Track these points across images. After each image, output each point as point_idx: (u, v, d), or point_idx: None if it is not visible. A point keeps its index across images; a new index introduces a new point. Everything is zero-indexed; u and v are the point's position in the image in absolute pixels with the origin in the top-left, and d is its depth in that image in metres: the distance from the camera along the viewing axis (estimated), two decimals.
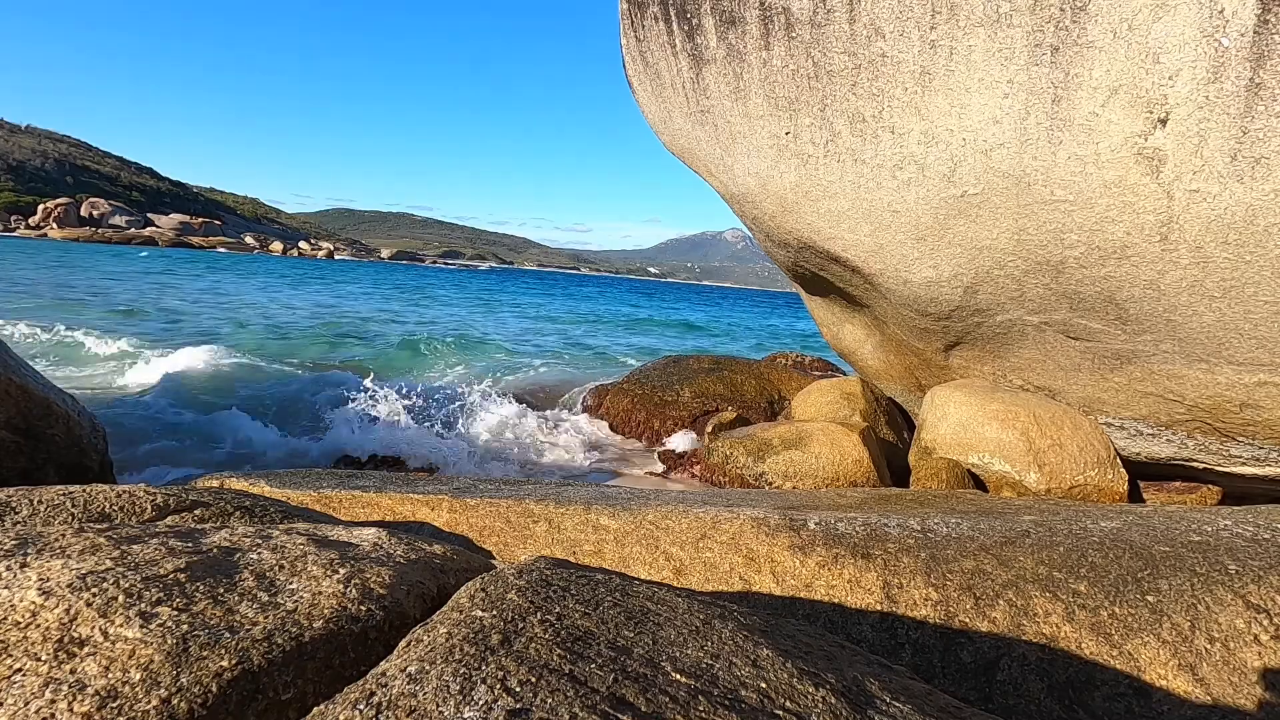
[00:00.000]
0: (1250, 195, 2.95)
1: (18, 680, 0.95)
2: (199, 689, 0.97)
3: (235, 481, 3.19)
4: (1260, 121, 2.83)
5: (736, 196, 5.48)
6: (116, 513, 1.87)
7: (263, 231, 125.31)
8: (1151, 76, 3.02)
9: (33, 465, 3.37)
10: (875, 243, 4.51)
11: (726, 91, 4.97)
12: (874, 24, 3.90)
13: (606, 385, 8.44)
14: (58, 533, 1.40)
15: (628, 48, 6.15)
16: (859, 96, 4.13)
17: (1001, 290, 4.16)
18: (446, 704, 0.89)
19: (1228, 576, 2.05)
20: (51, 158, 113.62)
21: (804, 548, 2.33)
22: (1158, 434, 4.20)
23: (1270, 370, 3.38)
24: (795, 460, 5.06)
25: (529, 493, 3.10)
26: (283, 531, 1.59)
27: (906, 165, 4.06)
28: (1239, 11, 2.77)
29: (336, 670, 1.13)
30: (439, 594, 1.43)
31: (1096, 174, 3.32)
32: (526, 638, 1.09)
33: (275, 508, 2.25)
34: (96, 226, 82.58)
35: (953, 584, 2.13)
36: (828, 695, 1.07)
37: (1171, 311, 3.49)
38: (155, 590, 1.19)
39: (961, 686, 1.89)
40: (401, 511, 2.89)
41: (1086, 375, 4.30)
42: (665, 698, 0.97)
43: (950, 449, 4.63)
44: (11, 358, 3.59)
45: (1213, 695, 1.78)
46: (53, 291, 17.40)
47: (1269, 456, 3.80)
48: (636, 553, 2.49)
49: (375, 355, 11.76)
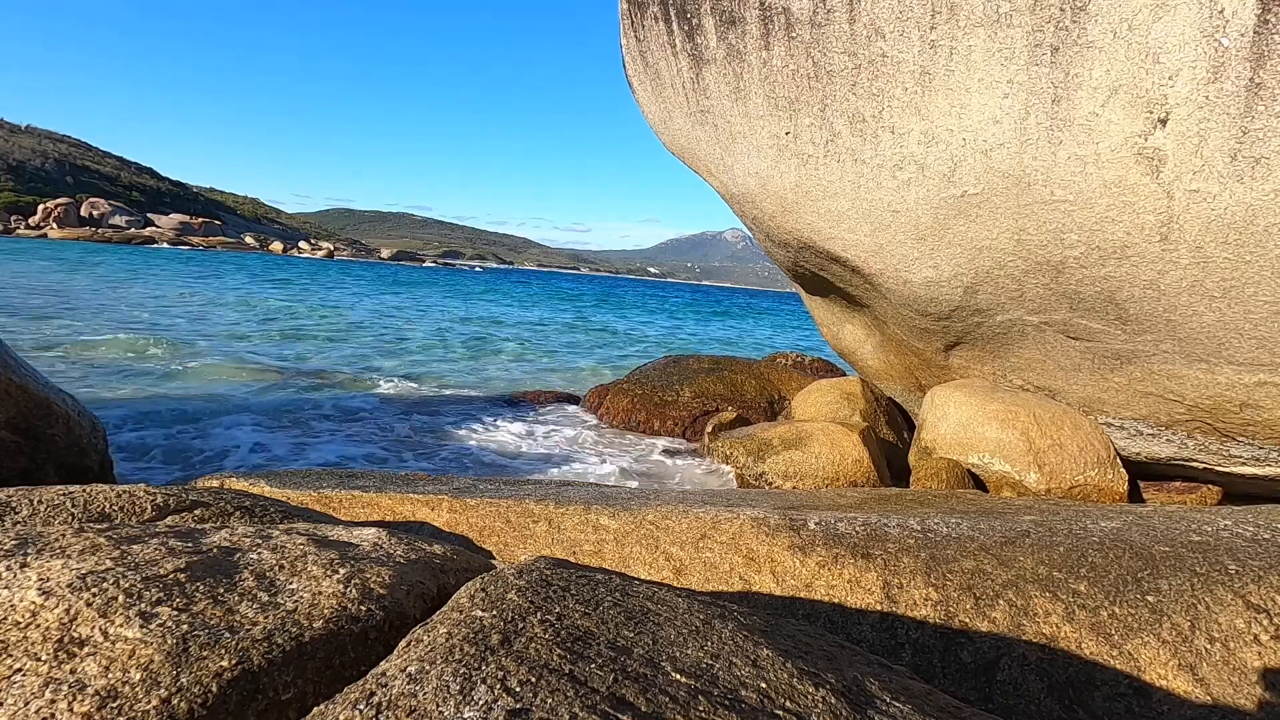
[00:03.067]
0: (1250, 195, 2.95)
1: (18, 680, 0.95)
2: (199, 689, 0.97)
3: (235, 481, 3.19)
4: (1260, 121, 2.83)
5: (736, 196, 5.48)
6: (116, 513, 1.87)
7: (263, 231, 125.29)
8: (1151, 76, 3.02)
9: (33, 465, 3.37)
10: (875, 243, 4.51)
11: (726, 91, 4.97)
12: (874, 24, 3.90)
13: (606, 385, 8.44)
14: (58, 533, 1.40)
15: (628, 48, 6.16)
16: (859, 96, 4.13)
17: (1001, 290, 4.16)
18: (446, 704, 0.89)
19: (1228, 576, 2.05)
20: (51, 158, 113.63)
21: (804, 548, 2.33)
22: (1158, 434, 4.20)
23: (1270, 370, 3.38)
24: (795, 460, 5.06)
25: (529, 493, 3.10)
26: (283, 531, 1.59)
27: (906, 165, 4.06)
28: (1239, 11, 2.77)
29: (336, 670, 1.13)
30: (439, 594, 1.43)
31: (1096, 174, 3.32)
32: (526, 638, 1.09)
33: (275, 508, 2.25)
34: (96, 226, 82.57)
35: (953, 584, 2.13)
36: (828, 695, 1.07)
37: (1171, 311, 3.49)
38: (155, 590, 1.19)
39: (961, 686, 1.89)
40: (401, 511, 2.89)
41: (1086, 375, 4.30)
42: (665, 698, 0.97)
43: (950, 449, 4.63)
44: (11, 357, 3.59)
45: (1213, 695, 1.78)
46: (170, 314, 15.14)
47: (1269, 456, 3.80)
48: (636, 553, 2.49)
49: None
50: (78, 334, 10.66)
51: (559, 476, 5.64)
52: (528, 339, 16.90)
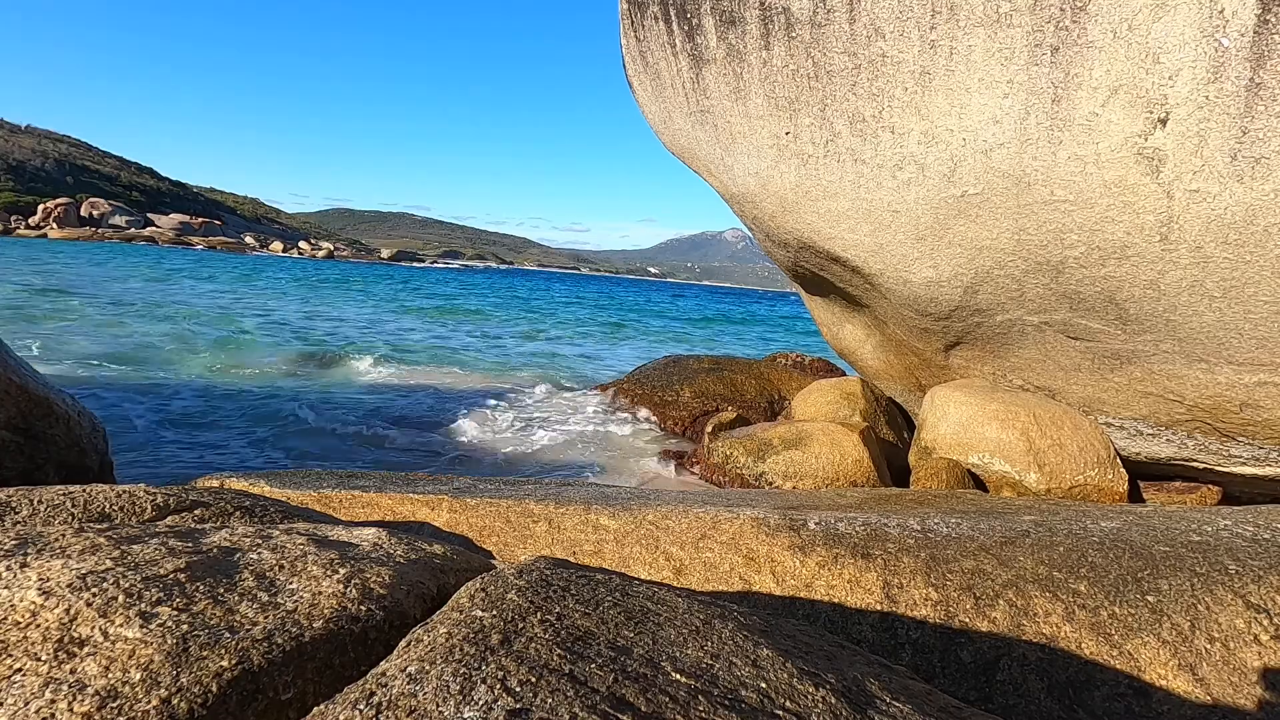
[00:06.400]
0: (1250, 195, 2.95)
1: (18, 680, 0.95)
2: (199, 689, 0.97)
3: (235, 481, 3.19)
4: (1260, 121, 2.83)
5: (737, 196, 5.48)
6: (116, 513, 1.87)
7: (263, 231, 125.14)
8: (1151, 76, 3.02)
9: (33, 465, 3.37)
10: (875, 243, 4.51)
11: (726, 91, 4.97)
12: (874, 24, 3.90)
13: (606, 385, 8.44)
14: (58, 533, 1.40)
15: (628, 48, 6.15)
16: (859, 96, 4.13)
17: (1001, 290, 4.16)
18: (446, 704, 0.89)
19: (1228, 576, 2.05)
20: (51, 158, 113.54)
21: (804, 548, 2.33)
22: (1158, 434, 4.20)
23: (1270, 370, 3.38)
24: (795, 460, 5.06)
25: (529, 493, 3.10)
26: (283, 531, 1.59)
27: (906, 165, 4.06)
28: (1239, 11, 2.77)
29: (336, 670, 1.13)
30: (439, 594, 1.43)
31: (1096, 174, 3.32)
32: (526, 638, 1.09)
33: (275, 508, 2.25)
34: (96, 226, 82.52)
35: (953, 584, 2.13)
36: (828, 695, 1.07)
37: (1171, 311, 3.49)
38: (155, 590, 1.19)
39: (961, 686, 1.89)
40: (401, 511, 2.89)
41: (1086, 375, 4.30)
42: (665, 698, 0.97)
43: (950, 449, 4.63)
44: (11, 357, 3.58)
45: (1213, 695, 1.78)
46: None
47: (1269, 456, 3.80)
48: (636, 553, 2.49)
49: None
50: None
51: (559, 476, 5.64)
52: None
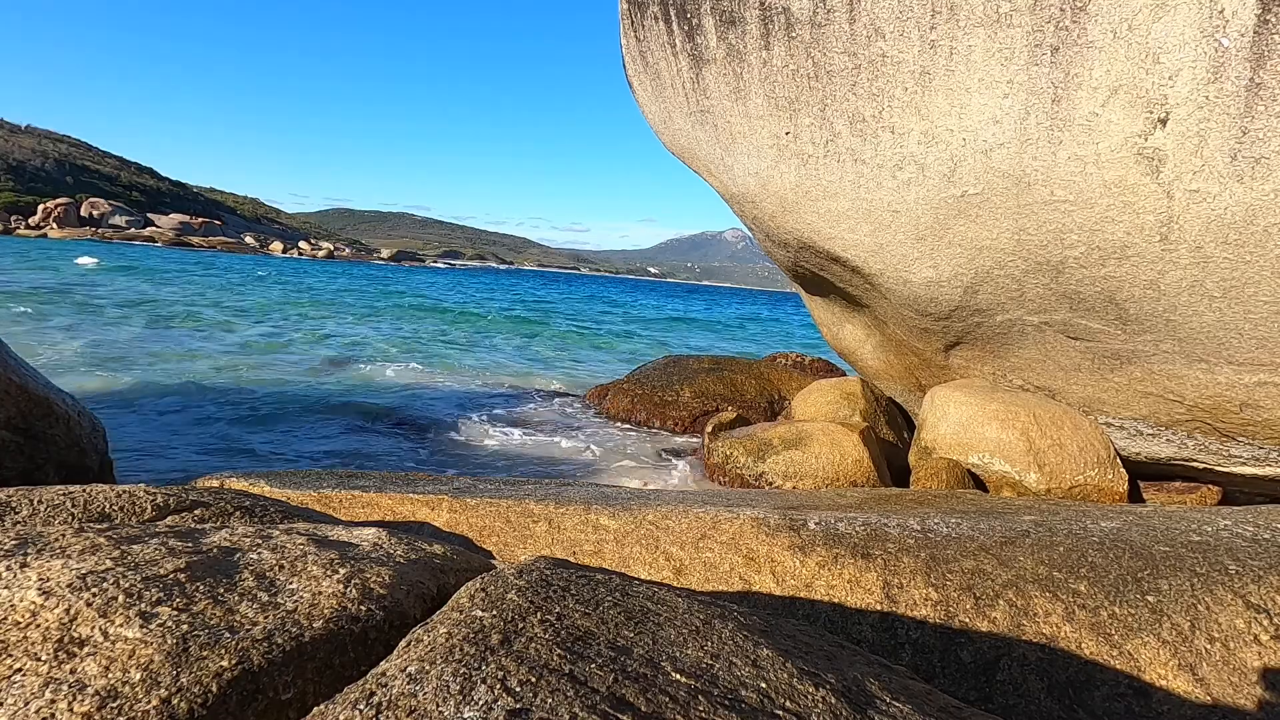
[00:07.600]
0: (1250, 195, 2.95)
1: (18, 680, 0.95)
2: (199, 689, 0.97)
3: (235, 481, 3.19)
4: (1260, 121, 2.83)
5: (736, 196, 5.48)
6: (116, 513, 1.87)
7: (263, 231, 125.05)
8: (1151, 76, 3.02)
9: (33, 465, 3.37)
10: (875, 243, 4.51)
11: (726, 91, 4.97)
12: (874, 24, 3.90)
13: (606, 385, 8.44)
14: (58, 533, 1.40)
15: (628, 48, 6.15)
16: (859, 96, 4.13)
17: (1001, 290, 4.16)
18: (446, 704, 0.89)
19: (1228, 576, 2.05)
20: (51, 158, 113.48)
21: (804, 548, 2.33)
22: (1158, 434, 4.20)
23: (1270, 370, 3.38)
24: (795, 460, 5.06)
25: (529, 493, 3.10)
26: (283, 531, 1.59)
27: (906, 165, 4.06)
28: (1239, 11, 2.77)
29: (336, 670, 1.13)
30: (439, 594, 1.43)
31: (1096, 174, 3.32)
32: (526, 638, 1.09)
33: (275, 508, 2.25)
34: (96, 226, 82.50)
35: (953, 584, 2.13)
36: (828, 695, 1.07)
37: (1171, 311, 3.49)
38: (155, 590, 1.19)
39: (961, 686, 1.89)
40: (401, 511, 2.89)
41: (1086, 375, 4.30)
42: (665, 698, 0.97)
43: (950, 449, 4.63)
44: (11, 357, 3.58)
45: (1213, 695, 1.78)
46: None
47: (1269, 456, 3.80)
48: (636, 553, 2.49)
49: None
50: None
51: (559, 476, 5.64)
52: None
